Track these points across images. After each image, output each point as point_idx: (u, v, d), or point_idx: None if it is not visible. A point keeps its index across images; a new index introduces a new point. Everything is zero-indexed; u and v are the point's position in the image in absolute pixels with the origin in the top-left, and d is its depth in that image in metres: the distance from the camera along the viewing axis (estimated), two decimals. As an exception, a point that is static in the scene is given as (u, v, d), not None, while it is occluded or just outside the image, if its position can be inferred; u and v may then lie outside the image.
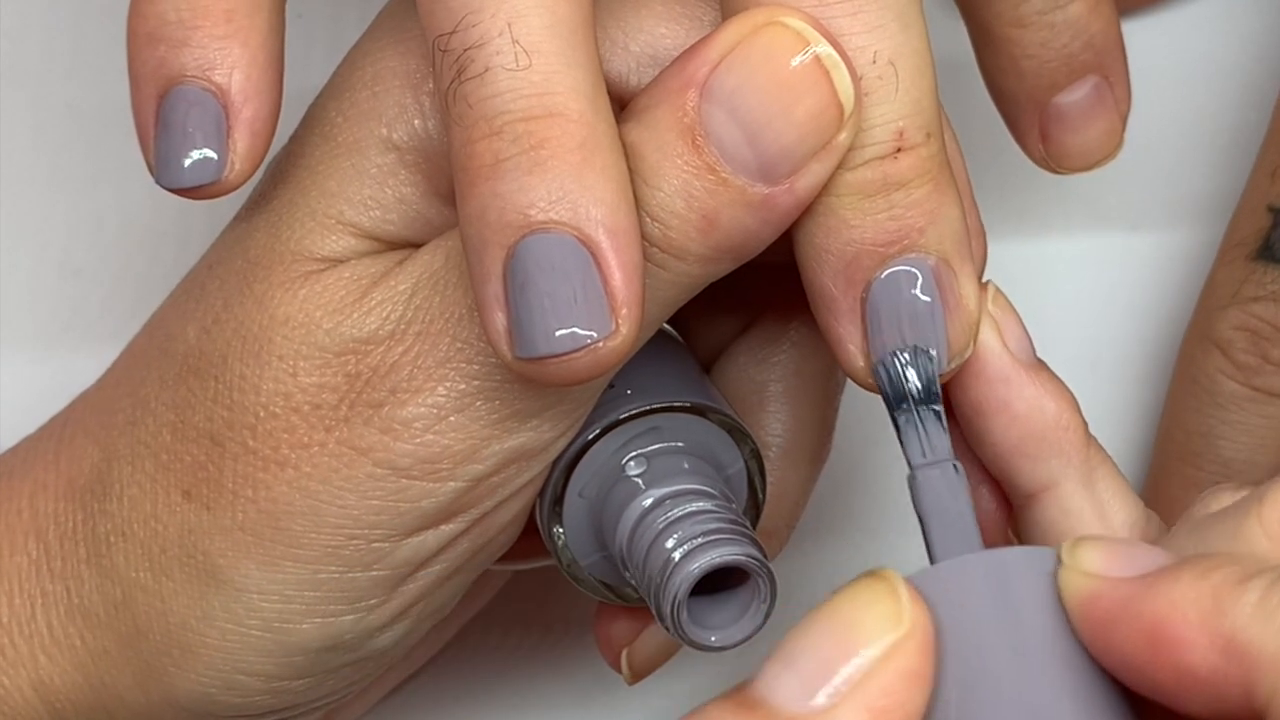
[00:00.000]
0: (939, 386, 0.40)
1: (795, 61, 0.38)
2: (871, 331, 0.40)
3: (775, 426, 0.45)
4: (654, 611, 0.41)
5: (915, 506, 0.40)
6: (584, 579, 0.44)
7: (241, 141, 0.40)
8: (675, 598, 0.40)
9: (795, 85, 0.38)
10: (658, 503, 0.42)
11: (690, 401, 0.43)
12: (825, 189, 0.39)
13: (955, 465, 0.40)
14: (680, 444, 0.43)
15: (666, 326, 0.46)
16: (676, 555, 0.40)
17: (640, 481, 0.42)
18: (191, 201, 0.41)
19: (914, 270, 0.39)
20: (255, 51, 0.40)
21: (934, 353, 0.40)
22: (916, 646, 0.35)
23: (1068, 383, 0.41)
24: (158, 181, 0.41)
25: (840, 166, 0.39)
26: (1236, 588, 0.34)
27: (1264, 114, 0.52)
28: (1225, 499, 0.38)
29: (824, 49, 0.38)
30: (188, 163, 0.40)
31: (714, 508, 0.41)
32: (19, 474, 0.45)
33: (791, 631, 0.35)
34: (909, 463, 0.40)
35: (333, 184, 0.42)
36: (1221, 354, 0.50)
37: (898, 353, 0.39)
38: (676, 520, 0.41)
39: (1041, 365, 0.42)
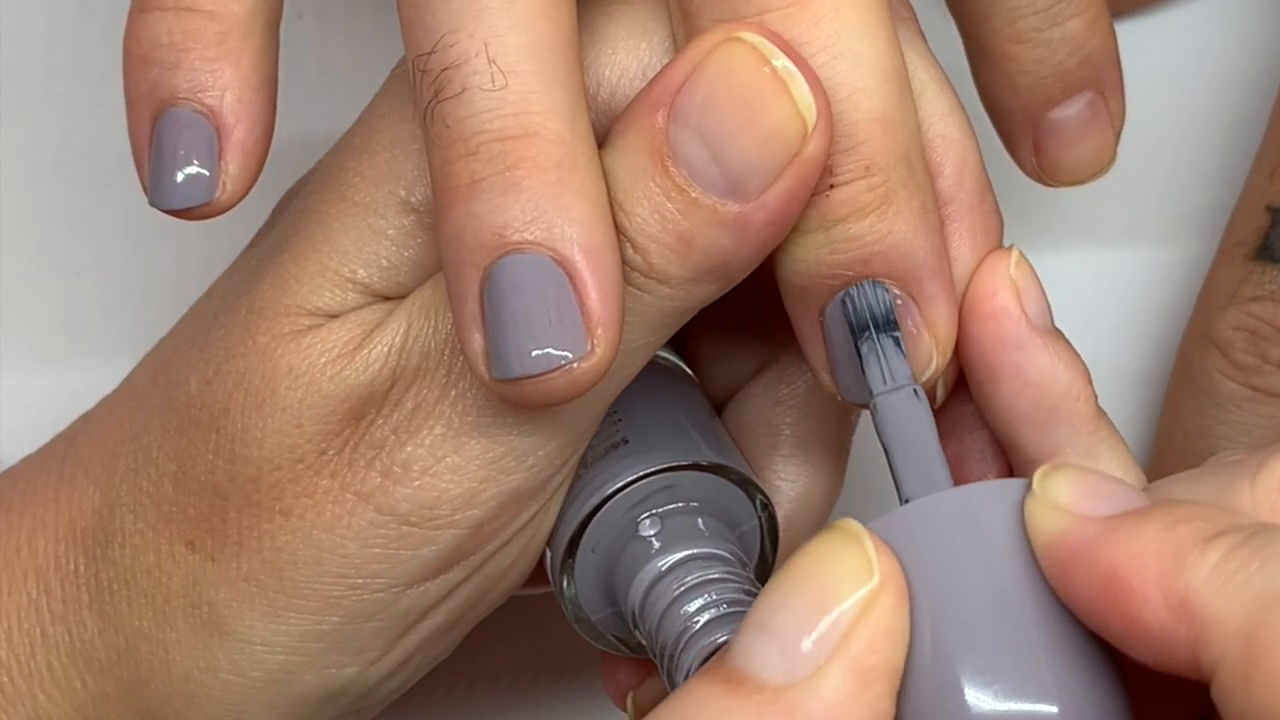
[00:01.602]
0: (895, 315, 0.39)
1: (753, 75, 0.37)
2: (830, 353, 0.40)
3: (787, 468, 0.45)
4: (664, 678, 0.41)
5: (879, 435, 0.39)
6: (593, 632, 0.43)
7: (233, 162, 0.40)
8: (688, 672, 0.40)
9: (754, 99, 0.37)
10: (672, 568, 0.41)
11: (707, 461, 0.42)
12: None
13: (916, 390, 0.39)
14: (695, 503, 0.42)
15: (681, 365, 0.45)
16: (690, 627, 0.40)
17: (654, 542, 0.41)
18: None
19: (864, 297, 0.39)
20: (247, 73, 0.40)
21: (890, 284, 0.39)
22: (891, 597, 0.34)
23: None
24: (151, 202, 0.41)
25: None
26: (1198, 546, 0.33)
27: (1262, 115, 0.51)
28: (1238, 457, 0.38)
29: (781, 62, 0.37)
30: (179, 183, 0.40)
31: (728, 575, 0.41)
32: (17, 508, 0.44)
33: (762, 596, 0.35)
34: (871, 392, 0.39)
35: (347, 242, 0.41)
36: (1220, 354, 0.50)
37: (861, 283, 0.39)
38: (690, 589, 0.40)
39: (1057, 333, 0.41)
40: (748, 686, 0.34)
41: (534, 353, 0.37)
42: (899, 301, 0.39)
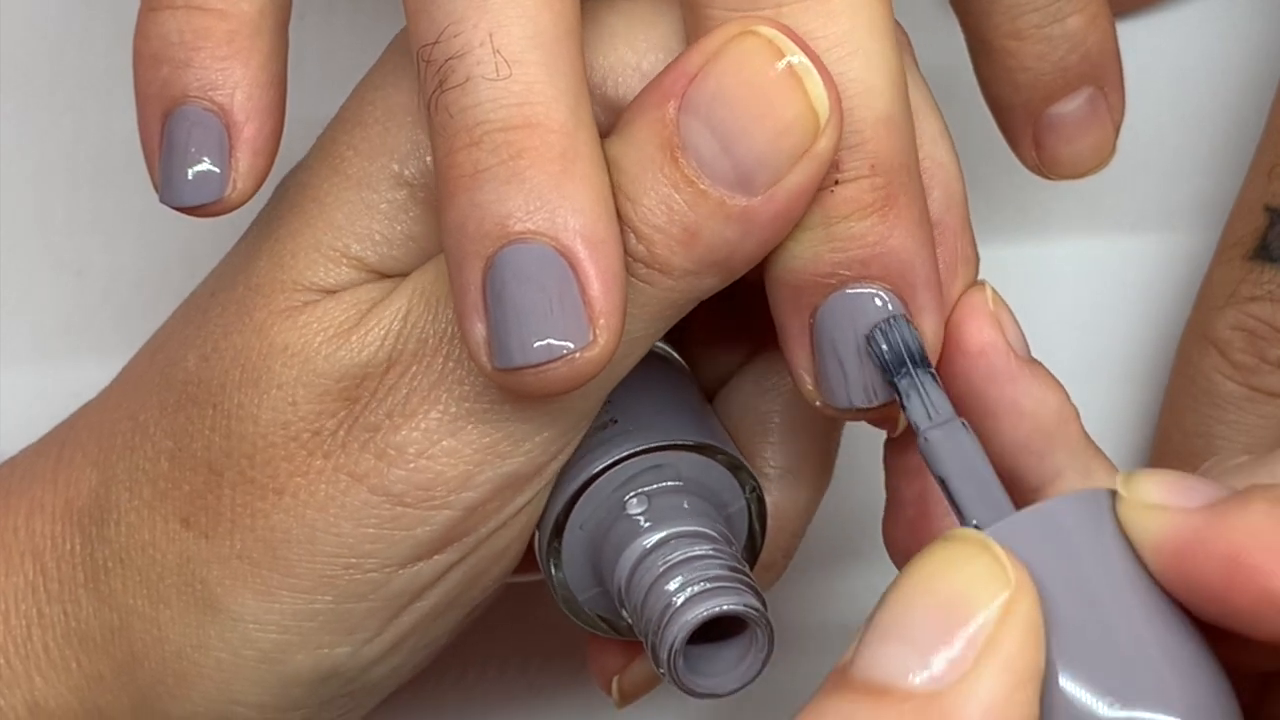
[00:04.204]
0: (927, 349, 0.39)
1: (768, 70, 0.37)
2: (817, 357, 0.39)
3: (776, 457, 0.45)
4: (649, 654, 0.40)
5: (932, 471, 0.38)
6: (580, 612, 0.43)
7: (243, 160, 0.40)
8: (672, 646, 0.40)
9: (768, 93, 0.37)
10: (658, 545, 0.41)
11: (694, 441, 0.42)
12: None
13: (963, 422, 0.38)
14: (682, 483, 0.42)
15: (672, 353, 0.45)
16: (675, 602, 0.40)
17: (641, 520, 0.41)
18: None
19: (859, 300, 0.39)
20: (257, 71, 0.40)
21: (885, 287, 0.39)
22: (1030, 600, 0.34)
23: (1067, 383, 0.41)
24: (162, 200, 0.41)
25: None
26: None
27: (1262, 114, 0.51)
28: (1241, 458, 0.38)
29: (796, 57, 0.37)
30: (190, 180, 0.40)
31: (714, 552, 0.40)
32: (16, 492, 0.44)
33: (882, 608, 0.34)
34: (916, 428, 0.38)
35: (340, 217, 0.41)
36: (1219, 354, 0.49)
37: (891, 319, 0.39)
38: (676, 565, 0.40)
39: (1038, 362, 0.41)
40: (894, 696, 0.33)
41: (536, 343, 0.37)
42: (885, 305, 0.39)
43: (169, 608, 0.42)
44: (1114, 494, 0.35)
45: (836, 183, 0.38)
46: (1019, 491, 0.41)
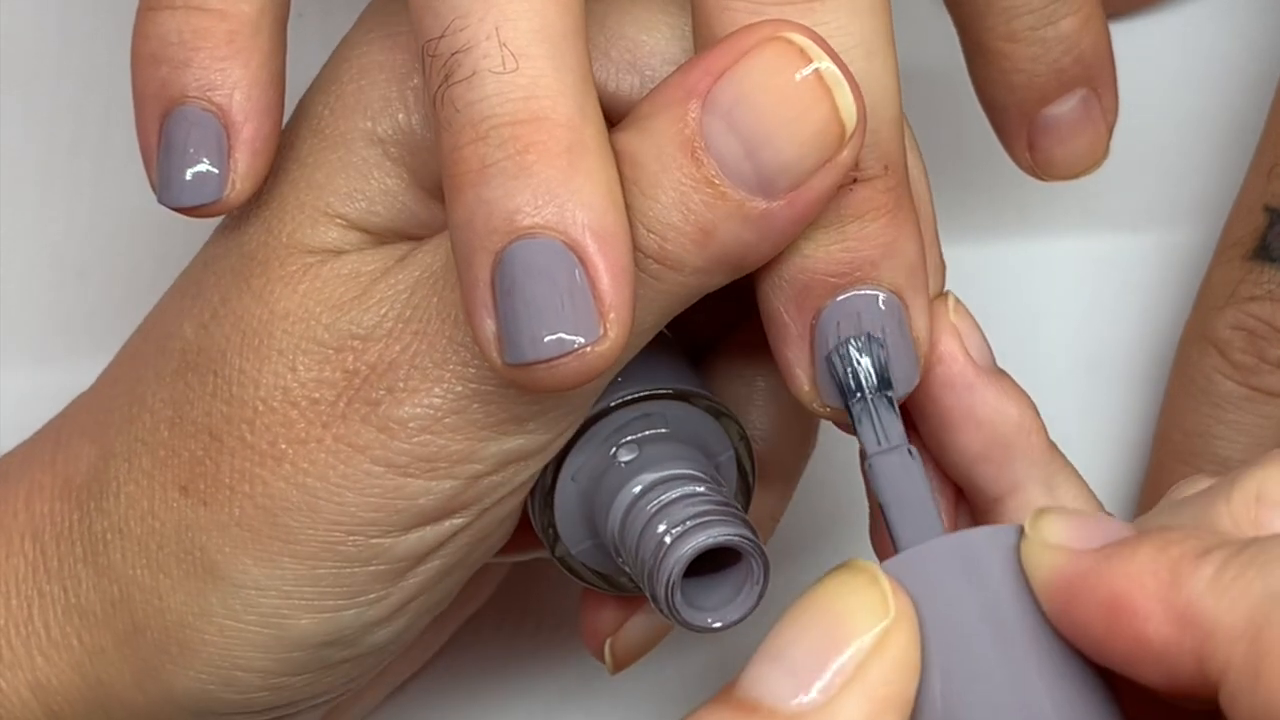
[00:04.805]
0: (889, 374, 0.39)
1: (798, 77, 0.37)
2: (817, 357, 0.39)
3: (761, 420, 0.45)
4: (648, 595, 0.40)
5: (876, 494, 0.39)
6: (575, 567, 0.43)
7: (242, 160, 0.40)
8: (669, 580, 0.40)
9: (797, 101, 0.37)
10: (648, 488, 0.41)
11: (679, 388, 0.42)
12: None
13: (910, 450, 0.39)
14: (670, 430, 0.42)
15: None
16: (668, 538, 0.40)
17: (630, 467, 0.41)
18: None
19: (864, 302, 0.39)
20: (256, 71, 0.40)
21: (885, 340, 0.39)
22: (906, 633, 0.34)
23: (1067, 383, 0.42)
24: (160, 200, 0.41)
25: None
26: (1194, 560, 0.33)
27: (1262, 114, 0.51)
28: (1201, 484, 0.38)
29: (826, 66, 0.37)
30: (188, 181, 0.40)
31: (704, 490, 0.41)
32: (14, 478, 0.44)
33: (775, 628, 0.35)
34: (864, 451, 0.39)
35: (320, 176, 0.41)
36: (1219, 354, 0.50)
37: (851, 340, 0.39)
38: (668, 504, 0.40)
39: (1002, 373, 0.41)
40: (760, 713, 0.34)
41: (546, 338, 0.37)
42: (895, 307, 0.39)
43: (169, 576, 0.41)
44: (1022, 530, 0.36)
45: (855, 180, 0.38)
46: (977, 504, 0.42)
